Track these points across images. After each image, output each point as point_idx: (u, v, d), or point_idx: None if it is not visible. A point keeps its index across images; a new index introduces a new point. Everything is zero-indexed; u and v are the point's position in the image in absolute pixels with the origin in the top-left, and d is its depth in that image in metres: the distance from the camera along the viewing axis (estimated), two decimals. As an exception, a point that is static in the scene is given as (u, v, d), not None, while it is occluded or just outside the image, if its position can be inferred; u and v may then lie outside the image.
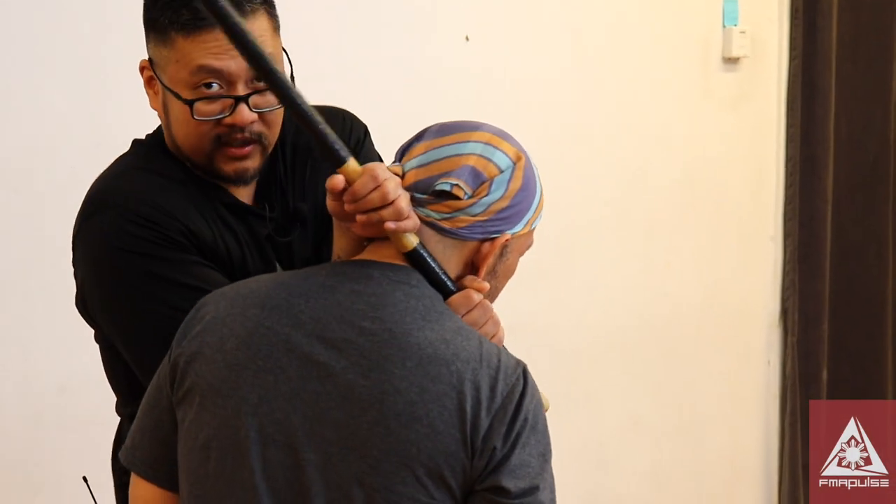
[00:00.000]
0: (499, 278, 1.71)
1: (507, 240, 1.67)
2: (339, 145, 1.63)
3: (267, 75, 1.63)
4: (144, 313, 1.88)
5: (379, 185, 1.60)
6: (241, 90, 1.90)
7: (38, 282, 2.79)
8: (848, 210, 4.27)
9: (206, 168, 1.96)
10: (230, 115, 1.90)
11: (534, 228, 1.72)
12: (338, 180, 1.62)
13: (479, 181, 1.64)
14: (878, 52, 4.23)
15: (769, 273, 4.23)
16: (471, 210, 1.64)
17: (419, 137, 1.69)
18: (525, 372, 1.60)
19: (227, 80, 1.89)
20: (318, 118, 1.63)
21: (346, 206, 1.62)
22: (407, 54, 3.42)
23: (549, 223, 3.62)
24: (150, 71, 1.96)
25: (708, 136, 4.03)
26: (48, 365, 2.89)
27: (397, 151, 1.71)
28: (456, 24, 3.50)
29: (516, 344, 1.71)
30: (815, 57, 4.11)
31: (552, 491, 1.59)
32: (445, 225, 1.64)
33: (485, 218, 1.65)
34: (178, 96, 1.91)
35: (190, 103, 1.90)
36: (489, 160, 1.66)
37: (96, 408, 2.21)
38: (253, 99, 1.91)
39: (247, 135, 1.92)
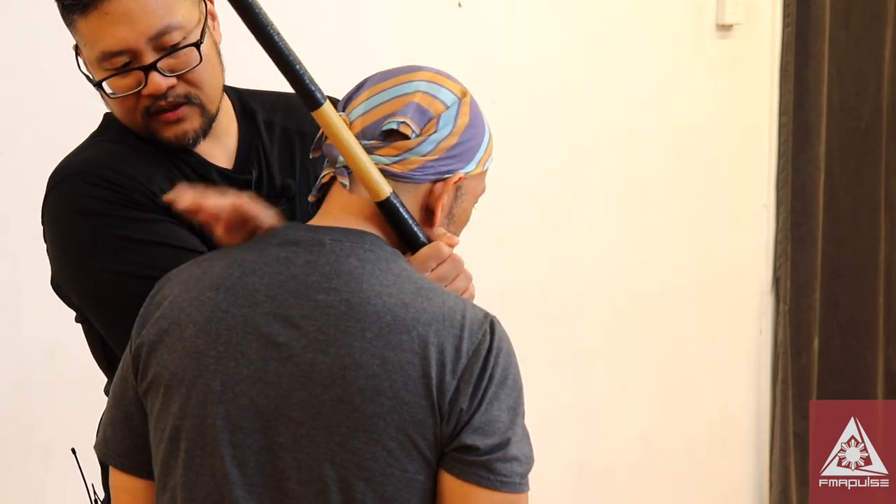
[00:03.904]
0: (455, 223, 1.68)
1: (460, 178, 1.63)
2: (316, 87, 1.60)
3: (242, 9, 1.59)
4: (108, 275, 1.85)
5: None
6: (149, 58, 1.86)
7: (27, 243, 2.77)
8: (840, 178, 4.25)
9: (150, 138, 1.94)
10: (145, 86, 1.87)
11: (486, 170, 1.68)
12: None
13: (426, 118, 1.61)
14: (872, 20, 4.20)
15: (762, 241, 4.22)
16: (420, 149, 1.60)
17: (360, 86, 1.66)
18: (493, 325, 1.56)
19: (131, 53, 1.86)
20: (296, 59, 1.60)
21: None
22: (399, 21, 3.39)
23: (539, 189, 3.66)
24: (77, 56, 1.95)
25: (701, 103, 4.02)
26: (38, 328, 2.88)
27: (340, 103, 1.67)
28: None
29: (506, 311, 1.69)
30: (808, 24, 4.08)
31: (525, 444, 1.56)
32: (396, 169, 1.60)
33: (435, 157, 1.61)
34: (90, 80, 1.90)
35: (97, 84, 1.89)
36: (434, 97, 1.62)
37: (87, 372, 2.19)
38: (166, 62, 1.87)
39: (171, 100, 1.89)
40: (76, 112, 2.08)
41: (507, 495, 1.53)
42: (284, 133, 2.05)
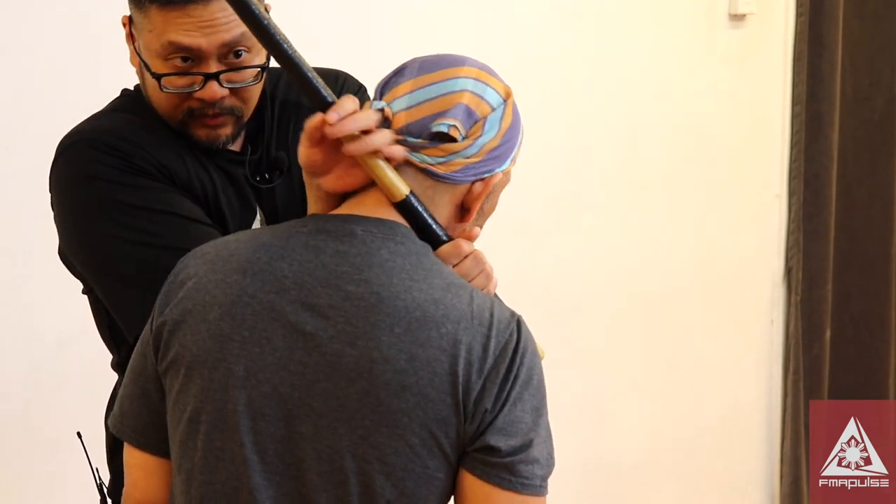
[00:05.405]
0: (483, 216, 1.67)
1: (498, 178, 1.63)
2: (328, 92, 1.59)
3: (249, 20, 1.60)
4: (113, 241, 1.87)
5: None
6: (213, 67, 1.89)
7: (34, 236, 2.78)
8: (854, 169, 4.24)
9: (180, 131, 1.96)
10: (200, 89, 1.90)
11: (515, 162, 1.68)
12: (317, 118, 1.58)
13: (473, 121, 1.59)
14: (886, 10, 4.19)
15: (774, 232, 4.21)
16: (465, 152, 1.59)
17: (399, 73, 1.63)
18: (519, 324, 1.56)
19: (199, 56, 1.88)
20: (307, 66, 1.60)
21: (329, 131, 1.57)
22: (399, 20, 3.38)
23: (551, 180, 3.65)
24: (129, 29, 1.96)
25: (713, 93, 4.00)
26: (46, 318, 2.89)
27: (376, 88, 1.64)
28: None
29: (513, 304, 1.69)
30: (822, 14, 4.06)
31: (548, 445, 1.55)
32: (440, 170, 1.59)
33: (478, 159, 1.60)
34: (147, 67, 1.91)
35: (158, 78, 1.90)
36: (481, 98, 1.60)
37: (94, 364, 2.20)
38: (228, 74, 1.90)
39: (217, 109, 1.92)
40: (76, 112, 2.07)
41: (527, 498, 1.53)
42: (283, 106, 2.07)
